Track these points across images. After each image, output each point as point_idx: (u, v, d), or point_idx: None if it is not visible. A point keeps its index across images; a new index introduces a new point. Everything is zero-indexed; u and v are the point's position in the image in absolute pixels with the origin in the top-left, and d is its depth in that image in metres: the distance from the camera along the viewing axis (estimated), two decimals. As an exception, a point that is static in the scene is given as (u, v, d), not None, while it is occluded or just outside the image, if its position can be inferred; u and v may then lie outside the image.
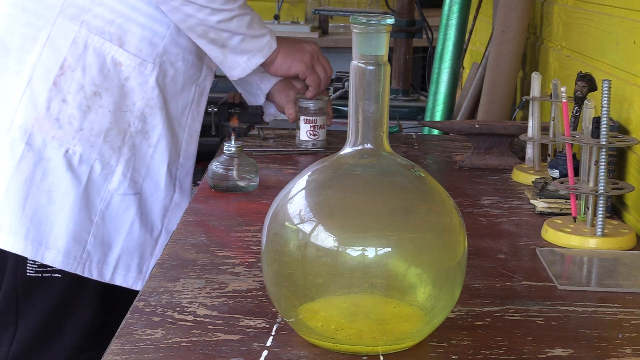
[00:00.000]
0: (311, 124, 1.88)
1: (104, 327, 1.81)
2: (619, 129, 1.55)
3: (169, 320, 1.04)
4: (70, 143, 1.63)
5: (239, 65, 1.71)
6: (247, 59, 1.70)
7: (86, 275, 1.65)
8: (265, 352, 0.97)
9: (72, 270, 1.63)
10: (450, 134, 2.14)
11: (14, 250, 1.62)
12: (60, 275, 1.64)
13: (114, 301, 1.73)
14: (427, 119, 2.47)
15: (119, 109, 1.65)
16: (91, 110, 1.63)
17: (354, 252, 0.92)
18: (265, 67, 1.79)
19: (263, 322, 1.04)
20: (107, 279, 1.67)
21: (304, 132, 1.89)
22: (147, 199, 1.70)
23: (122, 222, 1.67)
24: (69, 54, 1.63)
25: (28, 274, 1.64)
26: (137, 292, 1.72)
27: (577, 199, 1.42)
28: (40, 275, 1.64)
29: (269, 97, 1.93)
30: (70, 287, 1.66)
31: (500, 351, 0.98)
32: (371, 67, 0.96)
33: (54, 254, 1.62)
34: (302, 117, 1.89)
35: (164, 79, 1.68)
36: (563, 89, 1.46)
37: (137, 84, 1.66)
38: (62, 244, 1.62)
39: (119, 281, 1.68)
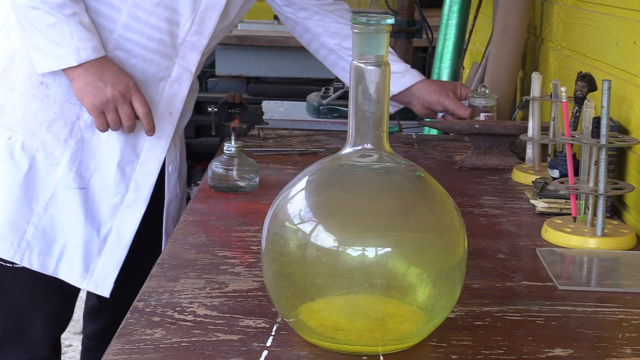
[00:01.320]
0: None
1: (112, 329, 1.81)
2: (619, 129, 1.55)
3: (169, 320, 1.04)
4: (13, 130, 1.62)
5: (35, 58, 1.60)
6: (41, 58, 1.59)
7: (25, 264, 1.63)
8: (265, 352, 0.97)
9: (8, 258, 1.62)
10: (450, 134, 2.14)
11: None
12: (23, 267, 1.63)
13: (123, 304, 1.72)
14: (427, 119, 2.47)
15: (67, 101, 1.63)
16: (36, 99, 1.62)
17: (354, 252, 0.92)
18: None
19: (263, 322, 1.04)
20: (49, 271, 1.65)
21: None
22: (95, 195, 1.66)
23: (67, 215, 1.64)
24: (19, 43, 1.62)
25: None
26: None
27: (577, 199, 1.42)
28: (2, 264, 1.64)
29: (406, 98, 1.95)
30: (35, 278, 1.65)
31: (500, 351, 0.98)
32: (371, 67, 0.96)
33: None
34: (482, 114, 1.93)
35: None
36: (563, 89, 1.46)
37: None
38: None
39: (62, 275, 1.65)
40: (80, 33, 1.58)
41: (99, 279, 1.67)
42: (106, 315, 1.90)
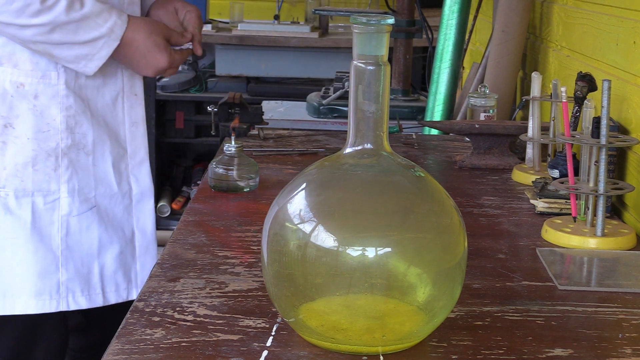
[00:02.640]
0: None
1: (103, 347, 1.79)
2: (619, 129, 1.55)
3: (169, 320, 1.04)
4: None
5: (77, 67, 1.54)
6: (85, 63, 1.53)
7: (74, 308, 1.57)
8: (265, 352, 0.97)
9: (52, 310, 1.56)
10: (450, 134, 2.14)
11: None
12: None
13: (111, 321, 1.71)
14: (427, 119, 2.47)
15: (40, 131, 1.54)
16: (7, 145, 1.53)
17: (354, 252, 0.92)
18: None
19: (263, 322, 1.04)
20: (99, 302, 1.61)
21: None
22: (106, 208, 1.61)
23: (89, 241, 1.59)
24: None
25: None
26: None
27: (577, 199, 1.42)
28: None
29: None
30: (34, 317, 1.57)
31: (500, 351, 0.98)
32: (371, 67, 0.96)
33: (24, 299, 1.54)
34: (482, 114, 1.94)
35: (77, 80, 1.56)
36: (563, 89, 1.46)
37: (49, 97, 1.54)
38: (29, 288, 1.54)
39: (113, 300, 1.62)
40: (102, 14, 1.52)
41: (144, 282, 1.63)
42: (94, 332, 1.81)
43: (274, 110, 2.63)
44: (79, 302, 1.58)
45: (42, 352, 1.62)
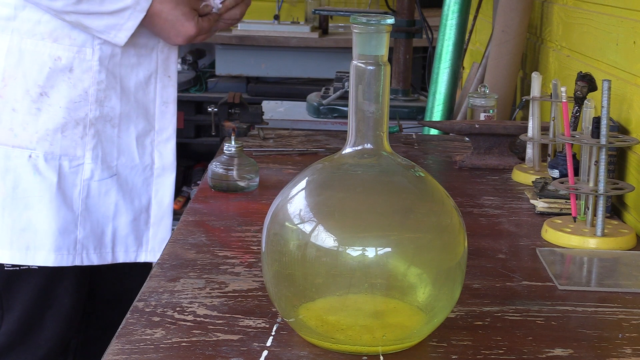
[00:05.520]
0: None
1: (92, 312, 1.82)
2: (619, 129, 1.56)
3: (169, 320, 1.04)
4: (30, 147, 1.64)
5: (109, 38, 1.63)
6: (114, 34, 1.63)
7: (86, 263, 1.67)
8: (265, 352, 0.97)
9: (69, 264, 1.66)
10: (450, 134, 2.14)
11: (2, 261, 1.65)
12: (37, 268, 1.66)
13: (98, 287, 1.78)
14: (427, 119, 2.47)
15: (71, 101, 1.64)
16: (42, 112, 1.64)
17: (354, 252, 0.92)
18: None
19: (263, 322, 1.04)
20: (108, 260, 1.70)
21: None
22: (126, 177, 1.71)
23: (107, 205, 1.69)
24: (7, 64, 1.63)
25: (6, 268, 1.66)
26: (123, 275, 1.76)
27: (577, 199, 1.42)
28: (18, 268, 1.66)
29: None
30: (48, 278, 1.67)
31: (500, 351, 0.98)
32: (371, 67, 0.96)
33: (45, 253, 1.64)
34: (482, 114, 1.94)
35: (111, 58, 1.66)
36: (563, 89, 1.46)
37: (82, 71, 1.64)
38: (50, 243, 1.64)
39: (120, 259, 1.72)
40: None
41: (155, 248, 1.74)
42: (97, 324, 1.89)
43: (274, 110, 2.63)
44: (92, 258, 1.69)
45: (52, 316, 1.70)
